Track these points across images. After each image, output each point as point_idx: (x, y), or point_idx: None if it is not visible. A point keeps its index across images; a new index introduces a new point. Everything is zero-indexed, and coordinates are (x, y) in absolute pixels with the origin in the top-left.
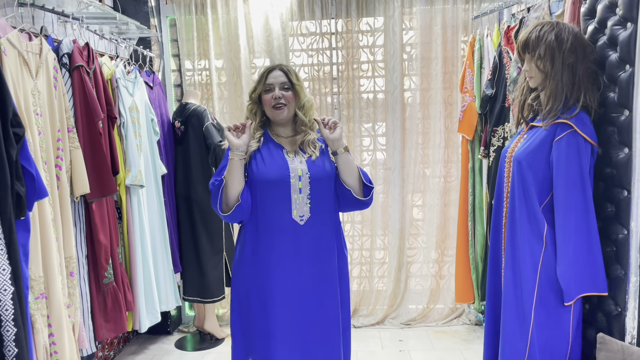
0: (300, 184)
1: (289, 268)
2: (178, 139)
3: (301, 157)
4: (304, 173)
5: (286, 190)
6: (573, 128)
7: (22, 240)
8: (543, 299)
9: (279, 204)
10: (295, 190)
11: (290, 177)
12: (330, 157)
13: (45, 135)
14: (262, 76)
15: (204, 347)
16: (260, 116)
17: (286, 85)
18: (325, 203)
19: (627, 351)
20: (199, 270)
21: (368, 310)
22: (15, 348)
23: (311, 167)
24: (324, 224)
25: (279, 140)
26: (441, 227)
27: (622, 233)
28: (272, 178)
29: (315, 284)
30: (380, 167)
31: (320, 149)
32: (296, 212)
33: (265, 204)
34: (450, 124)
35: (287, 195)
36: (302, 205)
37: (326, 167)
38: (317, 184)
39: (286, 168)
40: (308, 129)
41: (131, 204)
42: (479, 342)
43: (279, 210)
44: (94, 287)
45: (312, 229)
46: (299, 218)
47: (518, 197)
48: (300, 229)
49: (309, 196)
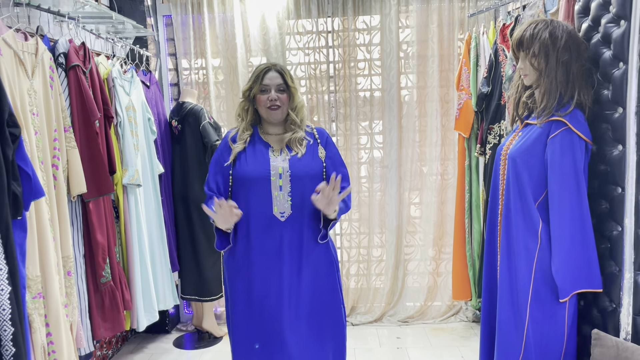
0: (280, 182)
1: (271, 262)
2: (175, 138)
3: (286, 155)
4: (285, 171)
5: (266, 187)
6: (567, 125)
7: (19, 239)
8: (538, 295)
9: (260, 200)
10: (276, 188)
11: (271, 175)
12: (319, 155)
13: (41, 135)
14: (257, 76)
15: (202, 345)
16: (252, 114)
17: (282, 87)
18: (307, 200)
19: (622, 347)
20: (197, 269)
21: (366, 307)
22: (12, 348)
23: (293, 165)
24: (305, 221)
25: (267, 139)
26: (438, 225)
27: (616, 230)
28: (252, 175)
29: (296, 279)
30: (377, 165)
31: (308, 145)
32: (277, 208)
33: (247, 199)
34: (446, 122)
35: (267, 192)
36: (283, 202)
37: (309, 165)
38: (298, 182)
39: (267, 166)
40: (297, 127)
41: (128, 203)
42: (476, 339)
43: (260, 206)
44: (91, 287)
45: (293, 225)
46: (279, 214)
47: (513, 194)
48: (281, 225)
49: (290, 194)
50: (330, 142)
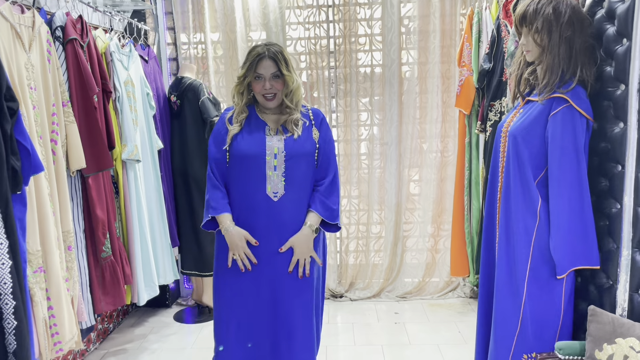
0: (275, 162)
1: (262, 241)
2: (174, 113)
3: (282, 135)
4: (280, 151)
5: (261, 166)
6: (569, 102)
7: (19, 214)
8: (536, 272)
9: (254, 179)
10: (270, 168)
11: (266, 155)
12: (312, 137)
13: (39, 109)
14: (252, 63)
15: (202, 319)
16: (247, 96)
17: (276, 74)
18: (300, 181)
19: (618, 323)
20: (197, 245)
21: (364, 283)
22: (14, 321)
23: (288, 145)
24: (298, 201)
25: (263, 117)
26: (437, 202)
27: (615, 207)
28: (248, 154)
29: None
30: (377, 142)
31: (304, 126)
32: (270, 188)
33: (241, 178)
34: (447, 99)
35: (262, 172)
36: (276, 182)
37: (304, 147)
38: (293, 163)
39: (263, 145)
40: (293, 109)
41: (128, 178)
42: (473, 315)
43: (254, 185)
44: (92, 261)
45: (285, 206)
46: (272, 194)
47: (513, 171)
48: (273, 205)
49: (284, 174)
50: (325, 124)
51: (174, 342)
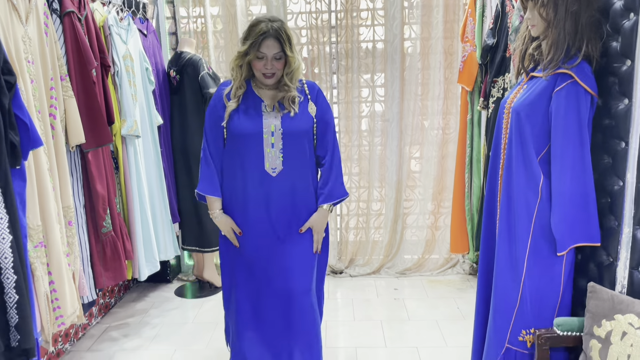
0: (272, 139)
1: (262, 215)
2: (173, 88)
3: (278, 112)
4: (277, 128)
5: (259, 143)
6: (574, 78)
7: (19, 189)
8: (536, 249)
9: (253, 155)
10: (268, 144)
11: (264, 132)
12: (309, 111)
13: (37, 83)
14: (255, 41)
15: (203, 294)
16: (246, 71)
17: (279, 55)
18: (298, 157)
19: (617, 299)
20: (197, 221)
21: (364, 260)
22: (16, 295)
23: (285, 122)
24: (296, 177)
25: (260, 93)
26: (438, 179)
27: (617, 185)
28: (246, 132)
29: (286, 231)
30: (378, 119)
31: (300, 103)
32: (268, 164)
33: (239, 155)
34: (450, 75)
35: (260, 148)
36: (274, 158)
37: (301, 123)
38: (290, 140)
39: (260, 123)
40: (291, 87)
41: (127, 154)
42: (472, 291)
43: (253, 161)
44: (92, 237)
45: (283, 181)
46: (271, 170)
47: (515, 148)
48: (272, 180)
49: (282, 150)
50: (321, 96)
51: (175, 316)
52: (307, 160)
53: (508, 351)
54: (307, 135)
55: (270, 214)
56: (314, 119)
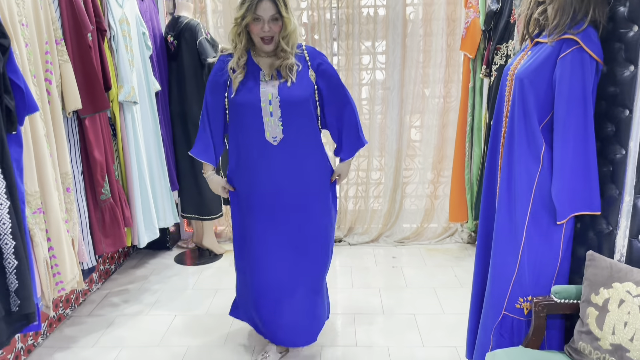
0: (270, 108)
1: (266, 183)
2: (171, 54)
3: (276, 80)
4: (274, 97)
5: (258, 113)
6: (579, 44)
7: (15, 155)
8: (536, 217)
9: (253, 125)
10: (267, 114)
11: (261, 102)
12: (308, 79)
13: (32, 47)
14: (251, 3)
15: (202, 262)
16: (245, 39)
17: (275, 17)
18: (298, 125)
19: (615, 268)
20: (196, 189)
21: (363, 228)
22: (15, 260)
23: (282, 91)
24: (298, 144)
25: (258, 61)
26: (438, 148)
27: (620, 153)
28: (244, 102)
29: (291, 198)
30: (379, 87)
31: (298, 72)
32: (269, 133)
33: (241, 125)
34: (452, 42)
35: (259, 118)
36: (274, 127)
37: (300, 91)
38: (288, 108)
39: (257, 93)
40: (288, 53)
41: (125, 121)
42: (470, 260)
43: (254, 131)
44: (91, 204)
45: (285, 149)
46: (272, 139)
47: (518, 116)
48: (273, 149)
49: (280, 119)
50: (324, 64)
51: (175, 283)
52: (308, 127)
53: (505, 318)
54: (307, 103)
55: (276, 183)
56: (315, 85)
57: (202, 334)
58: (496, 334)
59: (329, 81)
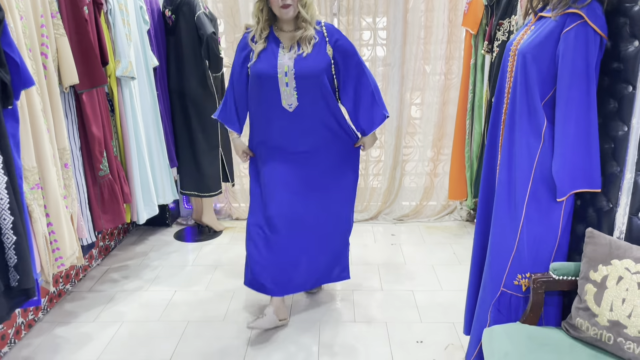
0: (286, 79)
1: (283, 146)
2: (169, 29)
3: (294, 52)
4: (290, 69)
5: (275, 83)
6: (583, 19)
7: (12, 130)
8: (536, 194)
9: (270, 93)
10: (283, 84)
11: (278, 73)
12: (325, 53)
13: (27, 20)
14: None
15: (202, 238)
16: (267, 13)
17: None
18: (312, 96)
19: (614, 245)
20: (195, 166)
21: (362, 206)
22: (13, 236)
23: (297, 63)
24: (313, 112)
25: (279, 35)
26: (439, 126)
27: (622, 130)
28: (262, 73)
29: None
30: (379, 63)
31: (315, 44)
32: (285, 101)
33: (260, 93)
34: (454, 17)
35: (276, 88)
36: (289, 96)
37: (313, 64)
38: (302, 79)
39: (275, 64)
40: (308, 24)
41: (123, 96)
42: (469, 237)
43: (271, 99)
44: (89, 179)
45: (300, 115)
46: (287, 106)
47: (520, 92)
48: (289, 115)
49: (295, 89)
50: (342, 41)
51: (175, 259)
52: (323, 98)
53: (503, 295)
54: (321, 76)
55: (292, 145)
56: (332, 59)
57: (202, 310)
58: (494, 311)
59: (345, 56)
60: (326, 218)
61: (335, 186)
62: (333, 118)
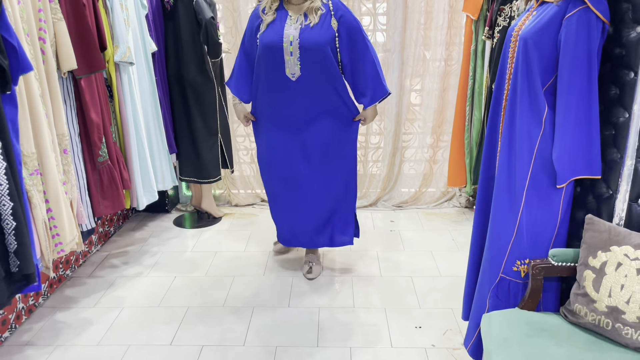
0: (291, 48)
1: (284, 114)
2: (167, 14)
3: (300, 23)
4: (295, 39)
5: (279, 52)
6: (586, 4)
7: (10, 115)
8: (536, 181)
9: (275, 63)
10: (287, 53)
11: (284, 42)
12: (329, 26)
13: (25, 4)
14: None
15: (201, 225)
16: None
17: None
18: (315, 67)
19: (614, 231)
20: (195, 152)
21: (361, 193)
22: (13, 222)
23: (303, 34)
24: (315, 83)
25: (287, 7)
26: (438, 112)
27: (623, 116)
28: (268, 42)
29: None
30: (379, 49)
31: (322, 15)
32: (288, 70)
33: (265, 60)
34: (454, 3)
35: (281, 57)
36: (293, 65)
37: (317, 35)
38: (306, 50)
39: (281, 34)
40: None
41: (122, 82)
42: (467, 224)
43: (276, 68)
44: (89, 165)
45: (302, 84)
46: (291, 75)
47: (521, 78)
48: (292, 84)
49: (299, 59)
50: (347, 12)
51: (174, 245)
52: (326, 69)
53: (502, 281)
54: (325, 48)
55: (294, 112)
56: (336, 32)
57: (202, 295)
58: (493, 296)
59: (350, 31)
60: (328, 183)
61: (334, 154)
62: (334, 90)
